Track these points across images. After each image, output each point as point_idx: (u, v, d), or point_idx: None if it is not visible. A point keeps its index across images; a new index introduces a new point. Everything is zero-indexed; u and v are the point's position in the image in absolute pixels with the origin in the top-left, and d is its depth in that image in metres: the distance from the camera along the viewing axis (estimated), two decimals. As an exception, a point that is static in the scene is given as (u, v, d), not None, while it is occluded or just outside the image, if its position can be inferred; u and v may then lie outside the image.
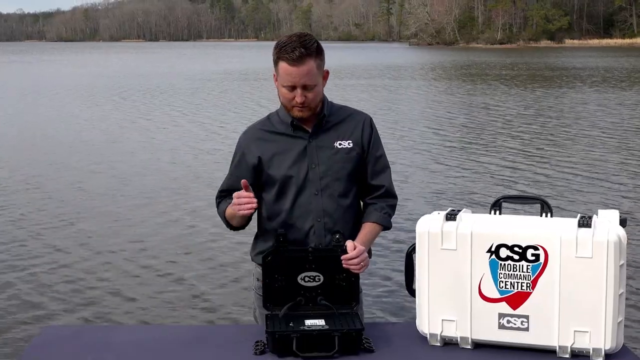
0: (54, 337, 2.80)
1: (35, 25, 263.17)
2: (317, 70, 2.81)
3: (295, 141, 2.91)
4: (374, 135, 2.99)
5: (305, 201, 2.90)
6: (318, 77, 2.83)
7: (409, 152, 14.03)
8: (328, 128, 2.94)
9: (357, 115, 3.01)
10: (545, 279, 2.49)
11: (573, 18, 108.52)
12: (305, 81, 2.79)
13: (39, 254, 7.80)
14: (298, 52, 2.74)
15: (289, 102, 2.85)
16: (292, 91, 2.81)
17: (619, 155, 13.66)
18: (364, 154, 2.96)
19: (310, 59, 2.77)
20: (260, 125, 3.01)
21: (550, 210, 2.61)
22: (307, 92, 2.81)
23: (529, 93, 27.34)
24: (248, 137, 2.99)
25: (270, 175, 2.92)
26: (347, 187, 2.93)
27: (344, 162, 2.91)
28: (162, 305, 6.37)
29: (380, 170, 3.00)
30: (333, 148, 2.91)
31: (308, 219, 2.90)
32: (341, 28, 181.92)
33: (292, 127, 2.91)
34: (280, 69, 2.80)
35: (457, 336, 2.61)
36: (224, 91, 29.45)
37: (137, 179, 11.76)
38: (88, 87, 31.63)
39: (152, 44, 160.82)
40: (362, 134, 2.96)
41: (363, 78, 37.03)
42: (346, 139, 2.93)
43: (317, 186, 2.90)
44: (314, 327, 2.59)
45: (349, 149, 2.92)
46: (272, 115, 3.01)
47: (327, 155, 2.90)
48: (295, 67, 2.76)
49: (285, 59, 2.76)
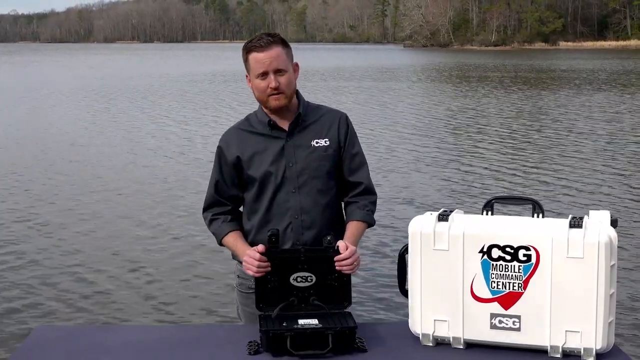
0: (46, 337, 2.80)
1: (29, 27, 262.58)
2: (285, 57, 2.91)
3: (273, 140, 2.95)
4: (350, 132, 3.03)
5: (283, 199, 2.94)
6: (288, 63, 2.91)
7: (402, 153, 14.03)
8: (305, 127, 2.98)
9: (333, 114, 3.05)
10: (536, 280, 2.50)
11: (567, 20, 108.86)
12: (276, 65, 2.87)
13: (30, 254, 7.79)
14: (265, 40, 2.88)
15: (263, 94, 2.91)
16: (265, 79, 2.88)
17: (610, 156, 13.69)
18: (340, 151, 2.99)
19: (277, 45, 2.89)
20: (238, 125, 3.06)
21: (541, 211, 2.62)
22: (280, 77, 2.88)
23: (521, 95, 27.40)
24: (227, 138, 3.03)
25: (250, 175, 2.96)
26: (325, 185, 2.97)
27: (321, 160, 2.95)
28: (155, 306, 6.37)
29: (358, 167, 3.03)
30: (310, 147, 2.95)
31: (286, 216, 2.93)
32: (336, 30, 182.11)
33: (269, 127, 2.96)
34: (250, 61, 2.90)
35: (450, 336, 2.62)
36: (201, 92, 29.46)
37: (121, 181, 11.76)
38: (68, 88, 31.67)
39: (146, 46, 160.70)
40: (338, 131, 3.00)
41: (355, 80, 37.07)
42: (322, 137, 2.97)
43: (295, 184, 2.93)
44: (308, 326, 2.60)
45: (325, 147, 2.96)
46: (250, 116, 3.06)
47: (305, 153, 2.94)
48: (265, 52, 2.86)
49: (254, 48, 2.89)
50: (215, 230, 3.03)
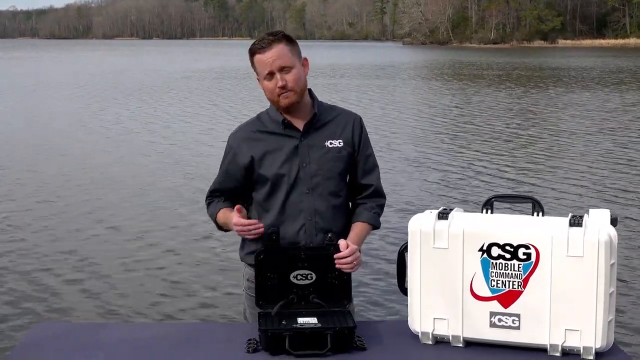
0: (44, 334, 2.79)
1: (28, 23, 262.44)
2: (289, 53, 2.86)
3: (287, 140, 2.92)
4: (364, 134, 3.01)
5: (296, 200, 2.91)
6: (293, 59, 2.87)
7: (401, 151, 14.01)
8: (319, 127, 2.95)
9: (347, 115, 3.03)
10: (536, 278, 2.50)
11: (566, 18, 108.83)
12: (280, 63, 2.83)
13: (29, 251, 7.78)
14: (266, 40, 2.85)
15: (273, 94, 2.88)
16: (272, 79, 2.86)
17: (611, 154, 13.69)
18: (354, 153, 2.97)
19: (279, 43, 2.85)
20: (250, 124, 3.02)
21: (541, 210, 2.61)
22: (285, 75, 2.85)
23: (520, 93, 27.39)
24: (238, 137, 2.99)
25: (262, 174, 2.92)
26: (338, 186, 2.95)
27: (335, 161, 2.93)
28: (153, 303, 6.37)
29: (370, 170, 3.02)
30: (324, 147, 2.93)
31: (299, 218, 2.90)
32: (335, 27, 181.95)
33: (283, 126, 2.92)
34: (256, 63, 2.88)
35: (449, 334, 2.61)
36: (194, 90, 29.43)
37: (120, 179, 11.76)
38: (58, 84, 31.70)
39: (144, 42, 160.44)
40: (353, 133, 2.97)
41: (355, 78, 37.03)
42: (337, 139, 2.95)
43: (308, 185, 2.90)
44: (307, 325, 2.59)
45: (339, 148, 2.94)
46: (262, 115, 3.02)
47: (318, 154, 2.92)
48: (266, 52, 2.84)
49: (256, 50, 2.87)
50: (212, 214, 3.02)
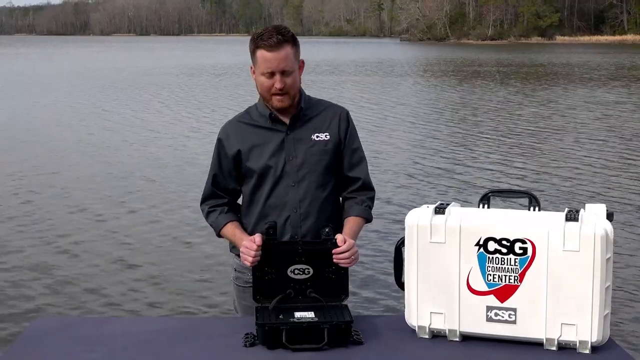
0: (45, 328, 2.80)
1: (25, 19, 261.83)
2: (293, 57, 2.88)
3: (273, 134, 2.96)
4: (351, 128, 3.04)
5: (282, 192, 2.94)
6: (295, 63, 2.89)
7: (398, 146, 14.03)
8: (305, 121, 2.98)
9: (334, 109, 3.05)
10: (532, 272, 2.51)
11: (564, 15, 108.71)
12: (284, 66, 2.85)
13: (30, 245, 7.78)
14: (275, 39, 2.82)
15: (267, 91, 2.90)
16: (271, 78, 2.87)
17: (607, 149, 13.71)
18: (340, 146, 3.00)
19: (287, 45, 2.85)
20: (239, 118, 3.05)
21: (538, 204, 2.63)
22: (286, 78, 2.87)
23: (516, 89, 27.38)
24: (227, 130, 3.03)
25: (249, 167, 2.96)
26: (324, 180, 2.98)
27: (321, 154, 2.96)
28: (151, 297, 6.37)
29: (356, 163, 3.04)
30: (310, 141, 2.96)
31: (284, 210, 2.94)
32: (332, 23, 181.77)
33: (270, 120, 2.96)
34: (258, 57, 2.87)
35: (446, 329, 2.62)
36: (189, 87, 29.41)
37: (108, 176, 11.76)
38: (43, 80, 31.66)
39: (142, 38, 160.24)
40: (339, 127, 3.00)
41: (353, 74, 37.01)
42: (323, 132, 2.98)
43: (294, 178, 2.94)
44: (304, 320, 2.60)
45: (325, 141, 2.97)
46: (250, 109, 3.05)
47: (305, 147, 2.95)
48: (273, 53, 2.83)
49: (263, 46, 2.84)
50: (213, 222, 3.04)
